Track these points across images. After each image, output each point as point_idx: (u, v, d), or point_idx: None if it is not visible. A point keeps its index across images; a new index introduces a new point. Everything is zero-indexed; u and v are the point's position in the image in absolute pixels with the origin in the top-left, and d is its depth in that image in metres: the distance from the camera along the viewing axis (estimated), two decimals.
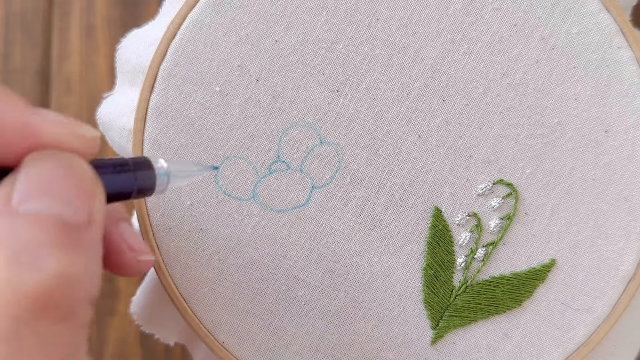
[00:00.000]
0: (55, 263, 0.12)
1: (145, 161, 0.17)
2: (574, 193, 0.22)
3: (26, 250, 0.11)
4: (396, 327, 0.23)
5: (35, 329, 0.11)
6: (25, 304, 0.11)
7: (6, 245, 0.11)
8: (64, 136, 0.13)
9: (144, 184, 0.16)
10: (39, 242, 0.12)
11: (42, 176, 0.12)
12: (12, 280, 0.11)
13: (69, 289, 0.12)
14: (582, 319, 0.22)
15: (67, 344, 0.12)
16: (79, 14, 0.41)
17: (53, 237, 0.12)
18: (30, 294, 0.11)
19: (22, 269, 0.11)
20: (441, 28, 0.22)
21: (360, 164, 0.23)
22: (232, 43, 0.22)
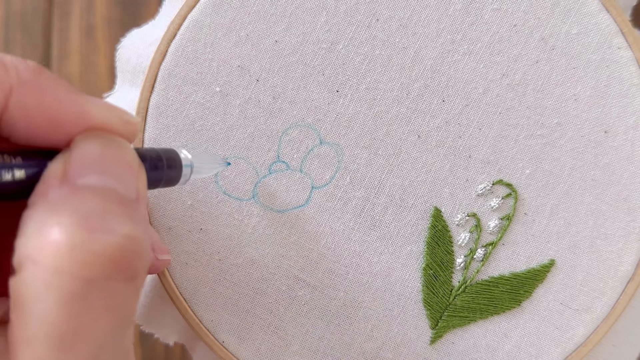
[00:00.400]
0: (123, 226, 0.12)
1: (174, 153, 0.17)
2: (574, 193, 0.22)
3: (94, 215, 0.12)
4: (395, 327, 0.23)
5: (104, 289, 0.12)
6: (97, 265, 0.12)
7: (73, 211, 0.12)
8: (111, 120, 0.13)
9: (171, 174, 0.17)
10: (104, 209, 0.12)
11: (95, 154, 0.13)
12: (84, 242, 0.12)
13: (137, 251, 0.12)
14: (581, 319, 0.22)
15: (130, 304, 0.13)
16: (79, 14, 0.41)
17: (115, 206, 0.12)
18: (103, 255, 0.12)
19: (94, 232, 0.12)
20: (441, 28, 0.22)
21: (360, 164, 0.23)
22: (232, 43, 0.22)
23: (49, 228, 0.11)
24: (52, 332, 0.11)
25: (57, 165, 0.12)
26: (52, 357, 0.11)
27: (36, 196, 0.12)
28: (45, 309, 0.11)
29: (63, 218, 0.12)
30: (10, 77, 0.12)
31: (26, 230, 0.12)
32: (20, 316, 0.12)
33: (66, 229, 0.11)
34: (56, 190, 0.12)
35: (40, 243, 0.11)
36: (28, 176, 0.12)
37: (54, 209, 0.12)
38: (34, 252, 0.11)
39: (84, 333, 0.12)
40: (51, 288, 0.11)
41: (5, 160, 0.12)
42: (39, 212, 0.12)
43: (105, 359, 0.12)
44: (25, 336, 0.11)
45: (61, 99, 0.13)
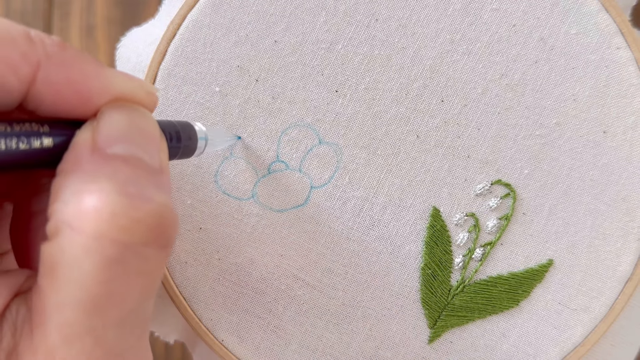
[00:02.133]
0: (159, 195, 0.13)
1: (189, 125, 0.18)
2: (572, 193, 0.22)
3: (130, 183, 0.12)
4: (394, 326, 0.23)
5: (140, 255, 0.12)
6: (137, 231, 0.12)
7: (109, 178, 0.12)
8: (135, 90, 0.14)
9: (188, 146, 0.17)
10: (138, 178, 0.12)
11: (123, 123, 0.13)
12: (125, 208, 0.12)
13: (172, 219, 0.13)
14: (580, 318, 0.22)
15: (160, 271, 0.13)
16: (79, 14, 0.41)
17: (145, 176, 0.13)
18: (142, 221, 0.12)
19: (134, 199, 0.12)
20: (440, 28, 0.22)
21: (358, 164, 0.23)
22: (232, 43, 0.22)
23: (89, 194, 0.12)
24: (86, 296, 0.12)
25: (86, 134, 0.13)
26: (82, 321, 0.12)
27: (67, 164, 0.12)
28: (82, 273, 0.11)
29: (102, 185, 0.12)
30: (37, 51, 0.12)
31: (62, 197, 0.12)
32: (53, 281, 0.12)
33: (106, 196, 0.12)
34: (89, 158, 0.12)
35: (80, 209, 0.12)
36: (56, 144, 0.13)
37: (90, 176, 0.12)
38: (73, 218, 0.12)
39: (117, 297, 0.12)
40: (90, 253, 0.11)
41: (33, 128, 0.12)
42: (75, 179, 0.12)
43: (131, 323, 0.13)
44: (57, 301, 0.12)
45: (87, 72, 0.13)
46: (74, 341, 0.12)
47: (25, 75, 0.12)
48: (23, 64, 0.12)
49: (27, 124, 0.12)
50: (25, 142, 0.12)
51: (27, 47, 0.12)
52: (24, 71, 0.12)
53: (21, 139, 0.12)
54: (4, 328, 0.12)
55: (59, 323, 0.12)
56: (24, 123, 0.12)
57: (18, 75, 0.12)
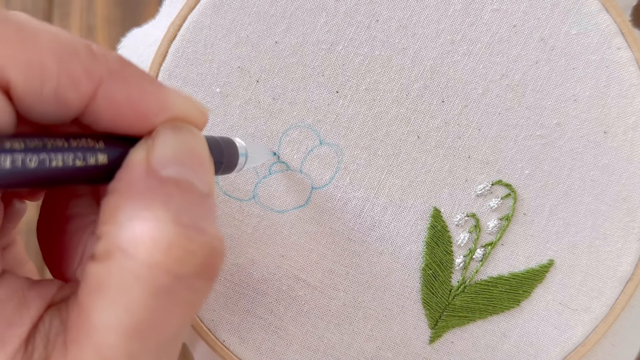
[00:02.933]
0: (211, 226, 0.13)
1: (231, 141, 0.18)
2: (573, 194, 0.22)
3: (185, 211, 0.12)
4: (395, 327, 0.23)
5: (189, 286, 0.12)
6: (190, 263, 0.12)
7: (164, 205, 0.12)
8: (190, 110, 0.14)
9: (229, 162, 0.17)
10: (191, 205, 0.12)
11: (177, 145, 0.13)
12: (180, 240, 0.12)
13: (222, 252, 0.13)
14: (580, 319, 0.22)
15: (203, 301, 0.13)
16: (79, 14, 0.41)
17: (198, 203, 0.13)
18: (197, 254, 0.12)
19: (188, 229, 0.12)
20: (440, 29, 0.22)
21: (359, 164, 0.23)
22: (232, 44, 0.22)
23: (145, 222, 0.12)
24: (130, 321, 0.12)
25: (140, 154, 0.13)
26: (123, 344, 0.12)
27: (120, 183, 0.12)
28: (130, 299, 0.12)
29: (158, 213, 0.12)
30: (100, 67, 0.12)
31: (117, 220, 0.12)
32: (98, 302, 0.12)
33: (163, 225, 0.12)
34: (143, 179, 0.12)
35: (135, 236, 0.12)
36: (110, 161, 0.13)
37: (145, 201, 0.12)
38: (127, 244, 0.12)
39: (160, 325, 0.12)
40: (141, 280, 0.11)
41: (89, 144, 0.12)
42: (129, 202, 0.12)
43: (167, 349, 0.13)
44: (100, 322, 0.12)
45: (147, 91, 0.13)
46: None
47: (87, 91, 0.12)
48: (85, 79, 0.12)
49: (83, 140, 0.12)
50: (81, 159, 0.12)
51: (90, 63, 0.12)
52: (86, 87, 0.12)
53: (78, 156, 0.12)
54: (37, 339, 0.12)
55: (98, 343, 0.12)
56: (81, 139, 0.12)
57: (79, 91, 0.12)
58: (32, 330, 0.12)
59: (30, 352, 0.12)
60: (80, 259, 0.15)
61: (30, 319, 0.12)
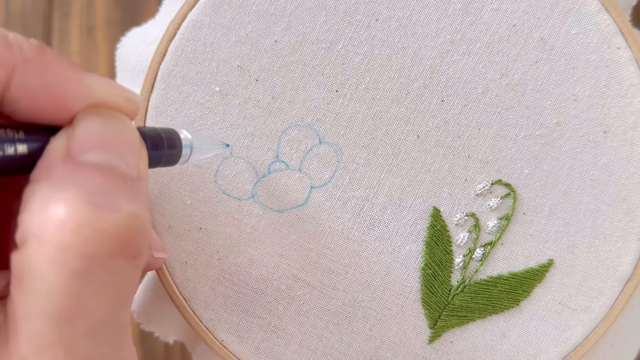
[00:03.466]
0: (128, 205, 0.12)
1: (173, 132, 0.17)
2: (572, 193, 0.22)
3: (99, 192, 0.12)
4: (394, 326, 0.23)
5: (107, 266, 0.12)
6: (103, 242, 0.12)
7: (77, 187, 0.12)
8: (114, 97, 0.13)
9: (171, 154, 0.17)
10: (109, 187, 0.12)
11: (98, 130, 0.13)
12: (91, 219, 0.12)
13: (141, 230, 0.13)
14: (580, 318, 0.22)
15: (130, 282, 0.13)
16: (79, 14, 0.41)
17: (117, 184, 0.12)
18: (109, 233, 0.12)
19: (100, 209, 0.12)
20: (440, 28, 0.22)
21: (359, 163, 0.23)
22: (232, 43, 0.22)
23: (54, 205, 0.11)
24: (53, 307, 0.11)
25: (60, 141, 0.12)
26: (52, 331, 0.12)
27: (39, 171, 0.12)
28: (48, 285, 0.11)
29: (68, 195, 0.12)
30: (14, 55, 0.12)
31: (30, 206, 0.12)
32: (22, 291, 0.12)
33: (72, 206, 0.11)
34: (60, 166, 0.12)
35: (46, 219, 0.11)
36: (30, 151, 0.12)
37: (59, 186, 0.12)
38: (38, 229, 0.11)
39: (85, 309, 0.12)
40: (55, 264, 0.11)
41: (8, 134, 0.12)
42: (43, 188, 0.12)
43: (102, 334, 0.13)
44: (26, 311, 0.12)
45: (64, 77, 0.13)
46: (46, 351, 0.12)
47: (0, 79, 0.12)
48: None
49: (1, 130, 0.12)
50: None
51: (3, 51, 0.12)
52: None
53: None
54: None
55: (30, 333, 0.12)
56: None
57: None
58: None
59: None
60: None
61: None
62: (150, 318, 0.25)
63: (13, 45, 0.12)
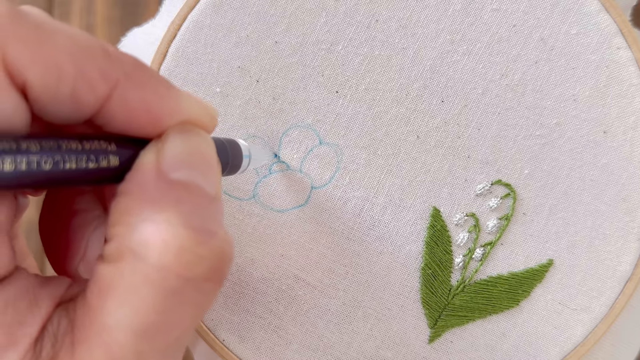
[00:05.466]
0: (221, 230, 0.13)
1: (235, 143, 0.18)
2: (572, 193, 0.22)
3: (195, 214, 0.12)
4: (394, 326, 0.23)
5: (199, 288, 0.12)
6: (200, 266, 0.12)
7: (175, 208, 0.12)
8: (200, 114, 0.14)
9: (234, 163, 0.17)
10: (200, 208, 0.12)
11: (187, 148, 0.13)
12: (191, 244, 0.12)
13: (231, 255, 0.13)
14: (580, 318, 0.22)
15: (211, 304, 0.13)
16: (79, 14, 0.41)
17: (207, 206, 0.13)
18: (207, 258, 0.12)
19: (199, 233, 0.12)
20: (440, 29, 0.22)
21: (359, 164, 0.23)
22: (233, 44, 0.23)
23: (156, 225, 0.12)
24: (140, 322, 0.12)
25: (150, 156, 0.13)
26: (132, 345, 0.12)
27: (130, 184, 0.12)
28: (140, 301, 0.12)
29: (169, 216, 0.12)
30: (116, 69, 0.12)
31: (128, 221, 0.12)
32: (107, 303, 0.12)
33: (174, 229, 0.12)
34: (153, 182, 0.12)
35: (147, 238, 0.12)
36: (121, 163, 0.13)
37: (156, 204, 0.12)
38: (138, 246, 0.12)
39: (168, 327, 0.12)
40: (151, 283, 0.12)
41: (102, 146, 0.12)
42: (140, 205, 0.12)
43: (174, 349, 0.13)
44: (106, 321, 0.12)
45: (160, 93, 0.13)
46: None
47: (103, 92, 0.12)
48: (101, 81, 0.12)
49: (96, 142, 0.12)
50: (94, 161, 0.12)
51: (106, 64, 0.12)
52: (101, 89, 0.12)
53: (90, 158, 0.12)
54: (45, 338, 0.12)
55: (107, 343, 0.12)
56: (94, 140, 0.12)
57: (95, 92, 0.12)
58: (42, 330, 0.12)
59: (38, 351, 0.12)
60: (83, 254, 0.15)
61: (41, 318, 0.12)
62: None
63: (114, 58, 0.12)
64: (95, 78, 0.12)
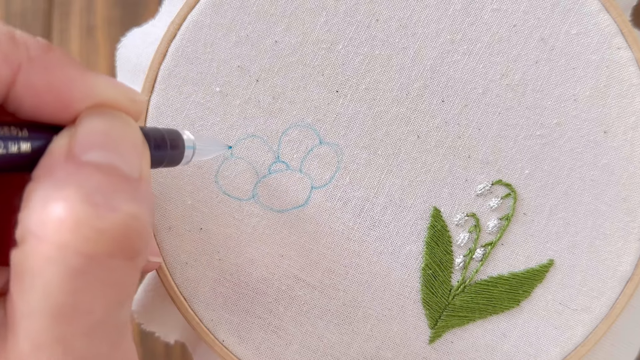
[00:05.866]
0: (127, 205, 0.12)
1: (176, 133, 0.17)
2: (573, 193, 0.22)
3: (99, 192, 0.12)
4: (395, 327, 0.23)
5: (105, 266, 0.12)
6: (101, 242, 0.12)
7: (77, 186, 0.12)
8: (118, 97, 0.13)
9: (174, 154, 0.17)
10: (109, 187, 0.12)
11: (101, 130, 0.13)
12: (89, 219, 0.12)
13: (140, 230, 0.13)
14: (580, 319, 0.22)
15: (128, 282, 0.13)
16: (79, 14, 0.41)
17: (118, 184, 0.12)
18: (107, 232, 0.12)
19: (99, 208, 0.12)
20: (440, 29, 0.22)
21: (359, 164, 0.23)
22: (232, 43, 0.22)
23: (54, 203, 0.12)
24: (51, 305, 0.12)
25: (62, 140, 0.12)
26: (49, 329, 0.12)
27: (40, 170, 0.12)
28: (46, 283, 0.11)
29: (68, 193, 0.12)
30: (19, 53, 0.12)
31: (30, 204, 0.12)
32: (21, 288, 0.12)
33: (71, 205, 0.11)
34: (61, 165, 0.12)
35: (45, 218, 0.11)
36: (33, 149, 0.12)
37: (59, 184, 0.12)
38: (37, 227, 0.12)
39: (83, 307, 0.12)
40: (53, 262, 0.11)
41: (12, 132, 0.12)
42: (44, 187, 0.12)
43: (101, 332, 0.13)
44: (25, 308, 0.12)
45: (69, 77, 0.13)
46: (43, 349, 0.12)
47: (4, 77, 0.12)
48: (3, 65, 0.12)
49: (5, 128, 0.12)
50: (2, 147, 0.12)
51: (9, 48, 0.12)
52: (3, 73, 0.12)
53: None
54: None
55: (28, 331, 0.12)
56: (3, 126, 0.12)
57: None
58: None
59: None
60: None
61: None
62: (151, 318, 0.25)
63: (19, 42, 0.12)
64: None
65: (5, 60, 0.12)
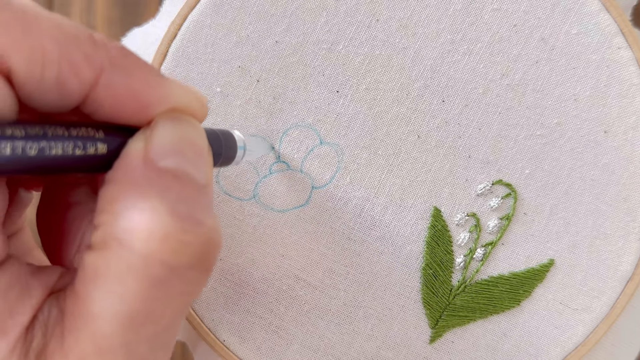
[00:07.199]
0: (209, 218, 0.13)
1: (229, 134, 0.18)
2: (573, 193, 0.22)
3: (181, 202, 0.12)
4: (395, 326, 0.23)
5: (184, 277, 0.12)
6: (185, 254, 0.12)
7: (161, 196, 0.12)
8: (190, 101, 0.14)
9: (228, 154, 0.17)
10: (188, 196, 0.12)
11: (175, 136, 0.13)
12: (177, 232, 0.12)
13: (219, 243, 0.13)
14: (581, 318, 0.22)
15: (199, 292, 0.13)
16: (79, 14, 0.41)
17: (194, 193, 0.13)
18: (192, 245, 0.12)
19: (185, 221, 0.12)
20: (441, 29, 0.22)
21: (360, 164, 0.23)
22: (233, 44, 0.22)
23: (141, 213, 0.12)
24: (126, 311, 0.12)
25: (139, 144, 0.13)
26: (118, 334, 0.12)
27: (118, 172, 0.12)
28: (125, 289, 0.12)
29: (154, 204, 0.12)
30: (101, 55, 0.12)
31: (114, 209, 0.12)
32: (93, 291, 0.12)
33: (159, 217, 0.12)
34: (140, 170, 0.12)
35: (132, 227, 0.12)
36: (109, 151, 0.13)
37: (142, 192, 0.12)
38: (123, 234, 0.12)
39: (155, 315, 0.12)
40: (136, 270, 0.12)
41: (89, 133, 0.12)
42: (126, 192, 0.12)
43: (163, 339, 0.13)
44: (94, 311, 0.12)
45: (147, 81, 0.13)
46: (107, 352, 0.12)
47: (88, 78, 0.12)
48: (86, 66, 0.12)
49: (83, 129, 0.12)
50: (81, 148, 0.12)
51: (91, 50, 0.12)
52: (87, 74, 0.12)
53: (77, 145, 0.12)
54: (36, 327, 0.12)
55: (94, 332, 0.12)
56: (81, 127, 0.12)
57: (80, 78, 0.12)
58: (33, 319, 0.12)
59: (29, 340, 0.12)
60: (78, 246, 0.15)
61: (32, 307, 0.12)
62: None
63: (99, 45, 0.12)
64: (80, 63, 0.12)
65: (89, 63, 0.12)
